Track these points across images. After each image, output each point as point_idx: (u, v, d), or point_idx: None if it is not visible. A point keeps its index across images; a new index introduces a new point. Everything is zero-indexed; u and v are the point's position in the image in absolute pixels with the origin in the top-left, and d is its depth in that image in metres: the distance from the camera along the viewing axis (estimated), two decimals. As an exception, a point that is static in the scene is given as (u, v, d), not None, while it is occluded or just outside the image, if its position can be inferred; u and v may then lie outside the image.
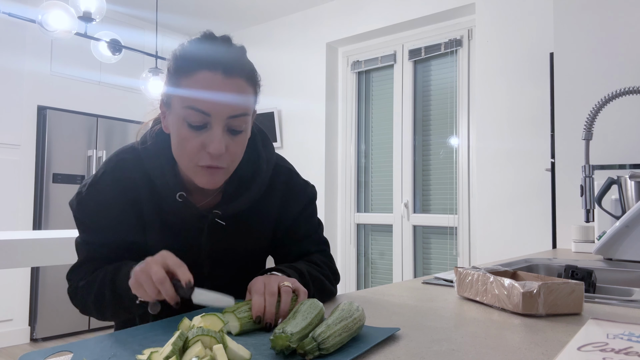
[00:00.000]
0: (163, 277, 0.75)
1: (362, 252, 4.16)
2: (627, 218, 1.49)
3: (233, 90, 0.84)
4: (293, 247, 1.05)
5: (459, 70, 3.62)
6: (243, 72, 0.86)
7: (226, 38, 0.89)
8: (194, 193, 0.96)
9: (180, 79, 0.85)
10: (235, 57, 0.87)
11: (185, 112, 0.84)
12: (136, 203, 0.94)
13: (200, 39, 0.88)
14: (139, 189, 0.94)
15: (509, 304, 0.85)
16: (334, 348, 0.61)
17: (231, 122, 0.85)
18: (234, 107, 0.85)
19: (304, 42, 4.38)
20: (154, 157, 0.94)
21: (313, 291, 0.93)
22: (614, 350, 0.52)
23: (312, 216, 1.08)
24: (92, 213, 0.94)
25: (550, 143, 2.53)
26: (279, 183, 1.03)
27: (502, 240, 3.17)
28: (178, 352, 0.56)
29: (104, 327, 4.19)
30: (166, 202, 0.93)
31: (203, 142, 0.85)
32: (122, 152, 0.98)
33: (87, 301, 0.92)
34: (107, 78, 4.35)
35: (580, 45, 2.15)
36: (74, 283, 0.96)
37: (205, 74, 0.83)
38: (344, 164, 4.26)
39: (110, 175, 0.94)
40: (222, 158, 0.86)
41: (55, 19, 2.49)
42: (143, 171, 0.94)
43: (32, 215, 3.92)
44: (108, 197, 0.93)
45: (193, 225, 0.95)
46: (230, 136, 0.87)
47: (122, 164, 0.95)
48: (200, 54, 0.85)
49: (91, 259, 0.95)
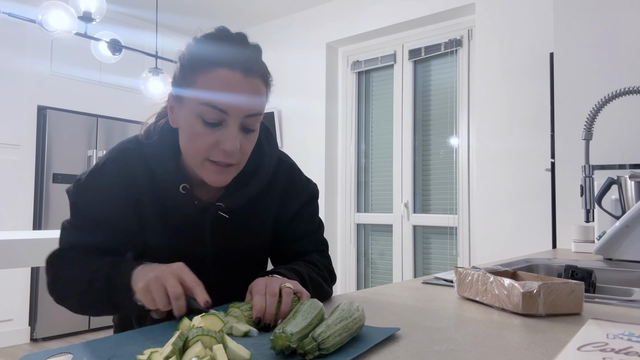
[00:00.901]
0: (180, 293, 0.74)
1: (362, 252, 4.16)
2: (627, 218, 1.49)
3: (250, 90, 0.85)
4: (292, 245, 1.05)
5: (459, 70, 3.62)
6: (259, 72, 0.87)
7: (242, 36, 0.89)
8: (196, 188, 0.96)
9: (197, 75, 0.84)
10: (253, 57, 0.88)
11: (201, 109, 0.84)
12: (136, 194, 0.93)
13: (215, 35, 0.87)
14: (140, 180, 0.93)
15: (509, 304, 0.85)
16: (334, 348, 0.61)
17: (246, 120, 0.86)
18: (251, 106, 0.85)
19: (304, 42, 4.38)
20: (158, 150, 0.93)
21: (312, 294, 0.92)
22: (614, 350, 0.52)
23: (313, 215, 1.08)
24: (90, 198, 0.92)
25: (550, 143, 2.53)
26: (281, 178, 1.03)
27: (502, 240, 3.17)
28: (178, 352, 0.56)
29: (104, 327, 4.19)
30: (168, 195, 0.93)
31: (217, 139, 0.85)
32: (126, 142, 0.97)
33: (69, 291, 0.88)
34: (107, 78, 4.35)
35: (580, 45, 2.15)
36: (57, 269, 0.91)
37: (224, 72, 0.83)
38: (344, 164, 4.26)
39: (112, 163, 0.94)
40: (234, 155, 0.86)
41: (55, 19, 2.49)
42: (146, 163, 0.93)
43: (32, 215, 3.92)
44: (108, 184, 0.92)
45: (195, 219, 0.95)
46: (243, 134, 0.87)
47: (125, 154, 0.95)
48: (218, 52, 0.85)
49: (77, 246, 0.92)
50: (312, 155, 4.22)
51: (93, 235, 0.92)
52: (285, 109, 4.47)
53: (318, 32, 4.29)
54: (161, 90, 3.29)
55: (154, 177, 0.93)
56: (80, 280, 0.87)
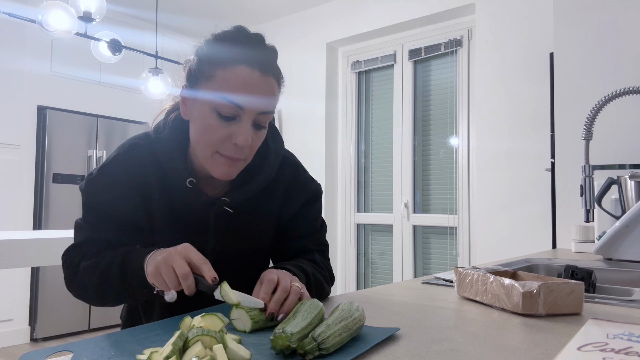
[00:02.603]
0: (187, 272, 0.76)
1: (362, 252, 4.16)
2: (627, 218, 1.49)
3: (266, 89, 0.88)
4: (293, 243, 1.06)
5: (459, 70, 3.62)
6: (275, 73, 0.90)
7: (260, 37, 0.92)
8: (203, 182, 0.98)
9: (216, 70, 0.86)
10: (271, 58, 0.91)
11: (217, 103, 0.86)
12: (146, 188, 0.95)
13: (235, 33, 0.90)
14: (149, 174, 0.95)
15: (509, 304, 0.85)
16: (334, 348, 0.61)
17: (259, 117, 0.89)
18: (265, 104, 0.88)
19: (304, 42, 4.38)
20: (167, 144, 0.95)
21: (314, 293, 0.95)
22: (614, 350, 0.52)
23: (316, 214, 1.09)
24: (101, 194, 0.94)
25: (550, 143, 2.53)
26: (285, 176, 1.04)
27: (502, 240, 3.17)
28: (178, 352, 0.56)
29: (104, 327, 4.19)
30: (175, 189, 0.95)
31: (230, 133, 0.87)
32: (136, 138, 0.99)
33: (88, 283, 0.91)
34: (107, 78, 4.35)
35: (580, 45, 2.15)
36: (73, 262, 0.94)
37: (243, 69, 0.85)
38: (344, 164, 4.26)
39: (122, 158, 0.96)
40: (245, 150, 0.89)
41: (55, 19, 2.49)
42: (155, 158, 0.96)
43: (32, 215, 3.92)
44: (117, 179, 0.94)
45: (200, 213, 0.96)
46: (254, 131, 0.90)
47: (134, 149, 0.97)
48: (238, 49, 0.87)
49: (91, 240, 0.95)
50: (312, 155, 4.21)
51: (105, 230, 0.94)
52: (285, 109, 4.47)
53: (318, 32, 4.29)
54: (161, 90, 3.29)
55: (163, 171, 0.95)
56: (96, 271, 0.89)
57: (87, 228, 0.95)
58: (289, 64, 4.43)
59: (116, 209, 0.94)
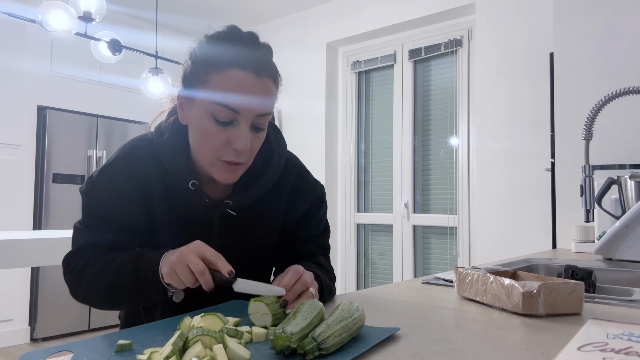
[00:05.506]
0: (203, 269, 0.77)
1: (362, 252, 4.16)
2: (627, 218, 1.49)
3: (262, 91, 0.86)
4: (300, 248, 1.05)
5: (459, 70, 3.62)
6: (270, 73, 0.89)
7: (254, 35, 0.90)
8: (206, 185, 0.97)
9: (210, 75, 0.85)
10: (265, 58, 0.89)
11: (213, 108, 0.85)
12: (147, 190, 0.94)
13: (227, 34, 0.88)
14: (150, 176, 0.94)
15: (509, 304, 0.85)
16: (334, 348, 0.61)
17: (257, 120, 0.88)
18: (262, 106, 0.87)
19: (304, 42, 4.38)
20: (170, 146, 0.94)
21: (326, 298, 0.96)
22: (614, 350, 0.52)
23: (321, 218, 1.08)
24: (102, 196, 0.93)
25: (550, 143, 2.53)
26: (289, 179, 1.03)
27: (502, 240, 3.17)
28: (178, 352, 0.56)
29: (104, 327, 4.19)
30: (178, 191, 0.94)
31: (228, 138, 0.86)
32: (137, 140, 0.98)
33: (96, 289, 0.89)
34: (107, 78, 4.35)
35: (580, 45, 2.15)
36: (76, 268, 0.91)
37: (237, 72, 0.84)
38: (344, 164, 4.26)
39: (123, 160, 0.95)
40: (244, 154, 0.88)
41: (55, 19, 2.49)
42: (156, 160, 0.94)
43: (32, 215, 3.92)
44: (118, 180, 0.93)
45: (203, 215, 0.96)
46: (253, 133, 0.89)
47: (135, 151, 0.96)
48: (231, 51, 0.86)
49: (92, 244, 0.93)
50: (312, 156, 4.21)
51: (106, 233, 0.93)
52: (285, 109, 4.47)
53: (318, 32, 4.29)
54: (161, 90, 3.29)
55: (165, 173, 0.94)
56: (106, 276, 0.88)
57: (88, 232, 0.94)
58: (289, 64, 4.44)
59: (117, 211, 0.93)
